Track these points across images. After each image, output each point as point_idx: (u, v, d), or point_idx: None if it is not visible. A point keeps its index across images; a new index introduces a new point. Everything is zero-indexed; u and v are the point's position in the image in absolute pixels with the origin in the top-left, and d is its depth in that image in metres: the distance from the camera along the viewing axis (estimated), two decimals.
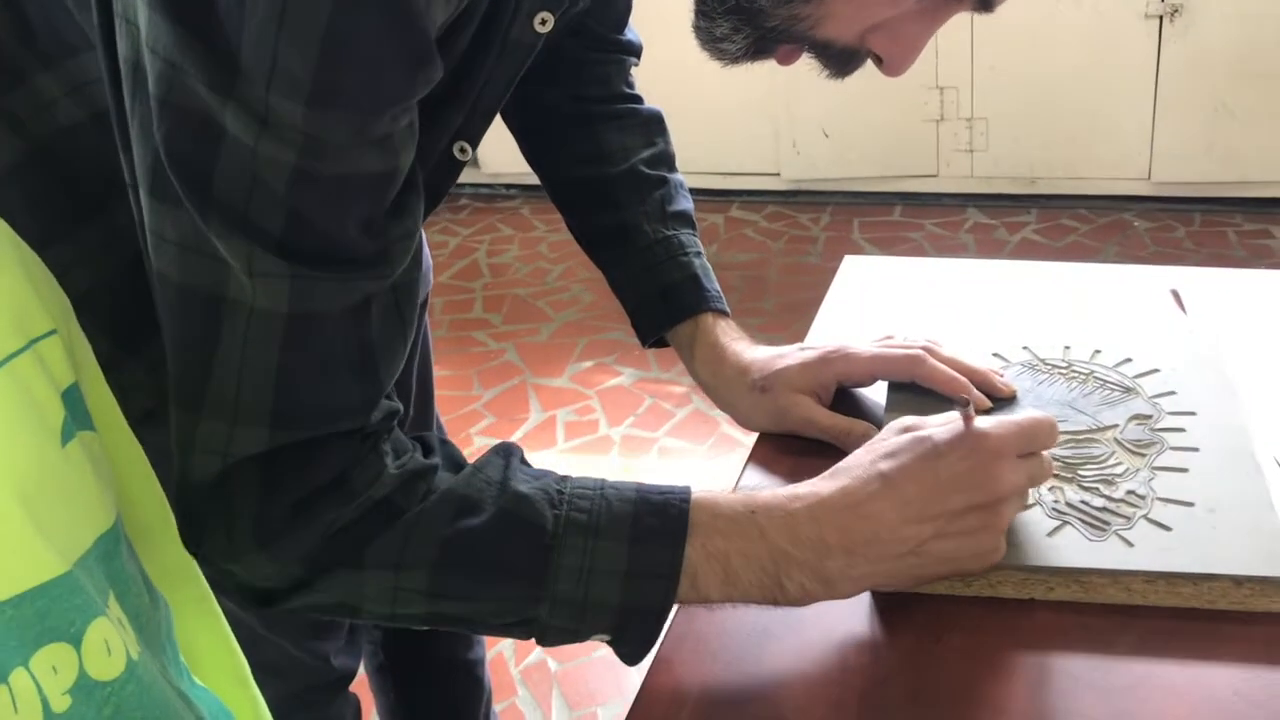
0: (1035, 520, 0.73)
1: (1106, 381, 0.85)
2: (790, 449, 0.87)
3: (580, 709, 1.78)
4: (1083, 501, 0.74)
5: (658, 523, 0.65)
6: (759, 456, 0.87)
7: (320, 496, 0.62)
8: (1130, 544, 0.70)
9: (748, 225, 3.16)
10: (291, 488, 0.62)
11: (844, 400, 0.88)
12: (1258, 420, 0.80)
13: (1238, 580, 0.67)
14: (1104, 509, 0.73)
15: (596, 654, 1.87)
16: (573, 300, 2.97)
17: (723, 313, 0.92)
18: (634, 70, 0.98)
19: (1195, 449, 0.77)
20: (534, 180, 0.93)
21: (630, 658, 0.68)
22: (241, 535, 0.62)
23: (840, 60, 0.67)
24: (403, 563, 0.63)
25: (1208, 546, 0.69)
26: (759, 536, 0.66)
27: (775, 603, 0.67)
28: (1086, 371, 0.87)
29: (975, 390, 0.83)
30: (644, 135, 0.95)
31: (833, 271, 0.94)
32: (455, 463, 0.67)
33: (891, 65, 0.65)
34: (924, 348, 0.85)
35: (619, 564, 0.64)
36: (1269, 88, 2.81)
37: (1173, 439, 0.79)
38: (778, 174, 3.23)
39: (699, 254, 0.94)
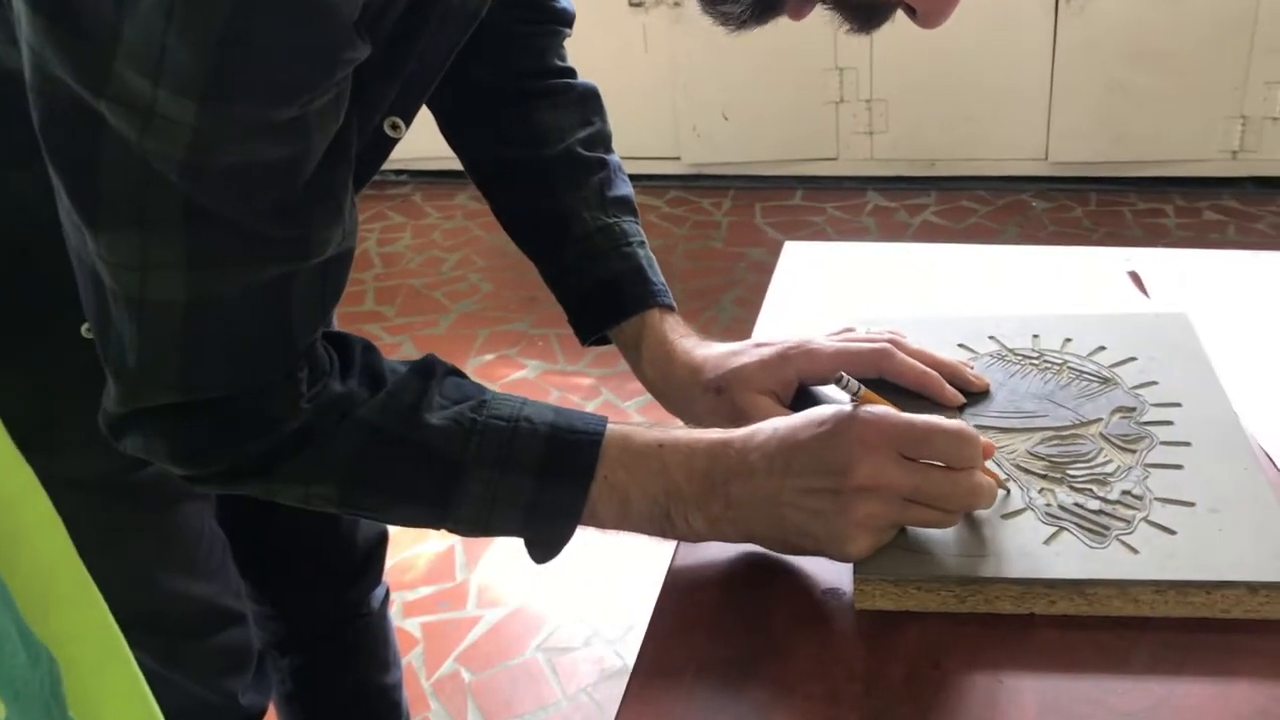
0: (1029, 526, 0.67)
1: (1082, 372, 0.80)
2: None
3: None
4: (1076, 504, 0.69)
5: (567, 462, 0.65)
6: None
7: (232, 432, 0.63)
8: (1134, 550, 0.65)
9: (650, 210, 3.08)
10: (204, 427, 0.63)
11: (801, 399, 0.82)
12: (1241, 408, 0.76)
13: (1253, 588, 0.62)
14: (1100, 512, 0.68)
15: (514, 662, 1.78)
16: (471, 290, 2.87)
17: (669, 307, 0.85)
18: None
19: (1187, 443, 0.73)
20: (426, 165, 0.83)
21: (539, 559, 0.69)
22: (156, 455, 0.64)
23: (865, 13, 0.61)
24: (312, 480, 0.65)
25: (1217, 551, 0.64)
26: (660, 470, 0.66)
27: (664, 535, 0.68)
28: (1059, 362, 0.82)
29: (946, 385, 0.77)
30: (579, 113, 0.87)
31: (737, 257, 0.88)
32: (374, 379, 0.66)
33: (929, 16, 0.59)
34: (889, 340, 0.79)
35: (523, 497, 0.65)
36: (1162, 67, 2.85)
37: (1161, 433, 0.74)
38: (678, 158, 3.17)
39: (643, 243, 0.86)
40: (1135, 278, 0.96)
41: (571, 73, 0.89)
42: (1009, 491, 0.69)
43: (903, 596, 0.65)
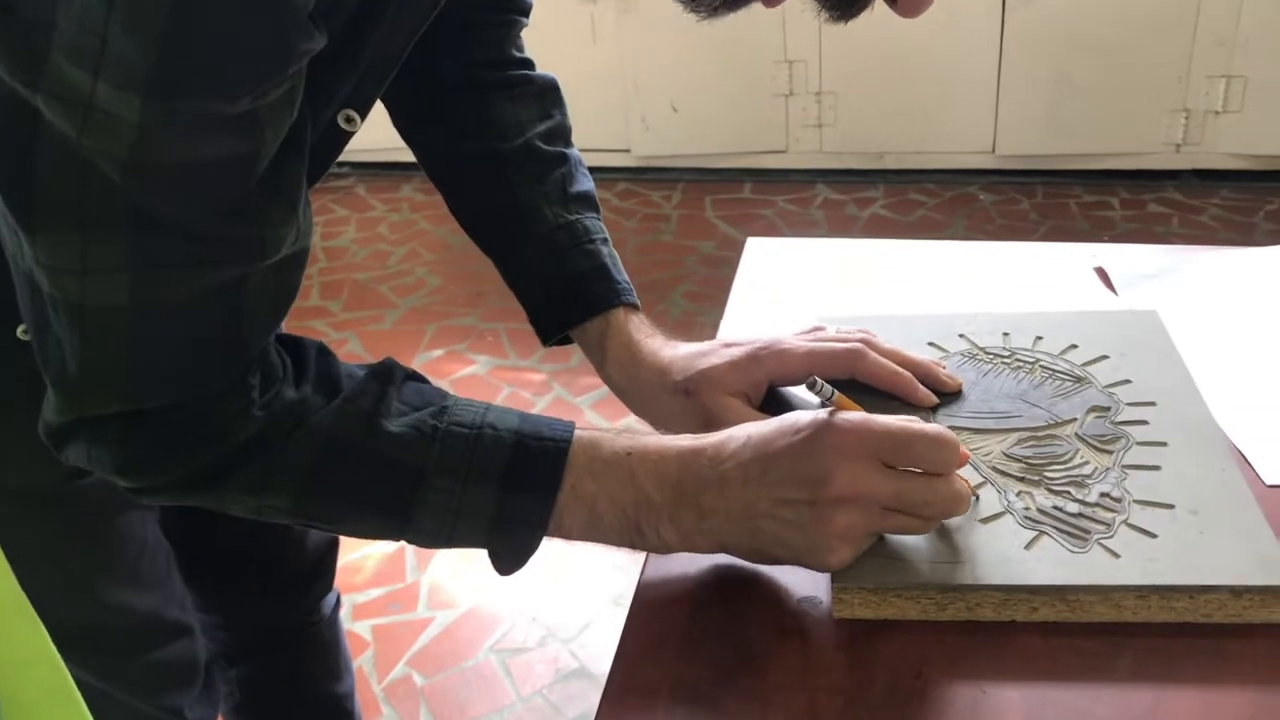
0: (1009, 531, 0.66)
1: (1055, 371, 0.79)
2: None
3: None
4: (1055, 508, 0.67)
5: (533, 471, 0.63)
6: None
7: (180, 442, 0.60)
8: (1116, 554, 0.63)
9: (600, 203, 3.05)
10: (150, 437, 0.60)
11: (771, 400, 0.79)
12: (1213, 406, 0.75)
13: (1236, 591, 0.61)
14: (1080, 515, 0.66)
15: (467, 664, 1.75)
16: (418, 284, 2.82)
17: (634, 306, 0.82)
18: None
19: (1163, 443, 0.71)
20: (370, 157, 0.79)
21: (503, 571, 0.66)
22: (100, 466, 0.61)
23: (844, 1, 0.58)
24: (265, 491, 0.62)
25: (1199, 554, 0.63)
26: (629, 479, 0.64)
27: (633, 547, 0.66)
28: (1031, 360, 0.80)
29: (919, 386, 0.76)
30: (539, 106, 0.84)
31: (687, 250, 0.85)
32: (330, 385, 0.63)
33: (909, 6, 0.57)
34: (861, 340, 0.77)
35: (487, 508, 0.63)
36: (1107, 61, 2.87)
37: (1137, 433, 0.72)
38: (628, 150, 3.14)
39: (605, 240, 0.83)
40: (1102, 274, 0.95)
41: (530, 64, 0.86)
42: (978, 498, 0.67)
43: (882, 605, 0.63)
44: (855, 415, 0.63)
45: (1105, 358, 0.80)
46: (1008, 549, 0.64)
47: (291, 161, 0.56)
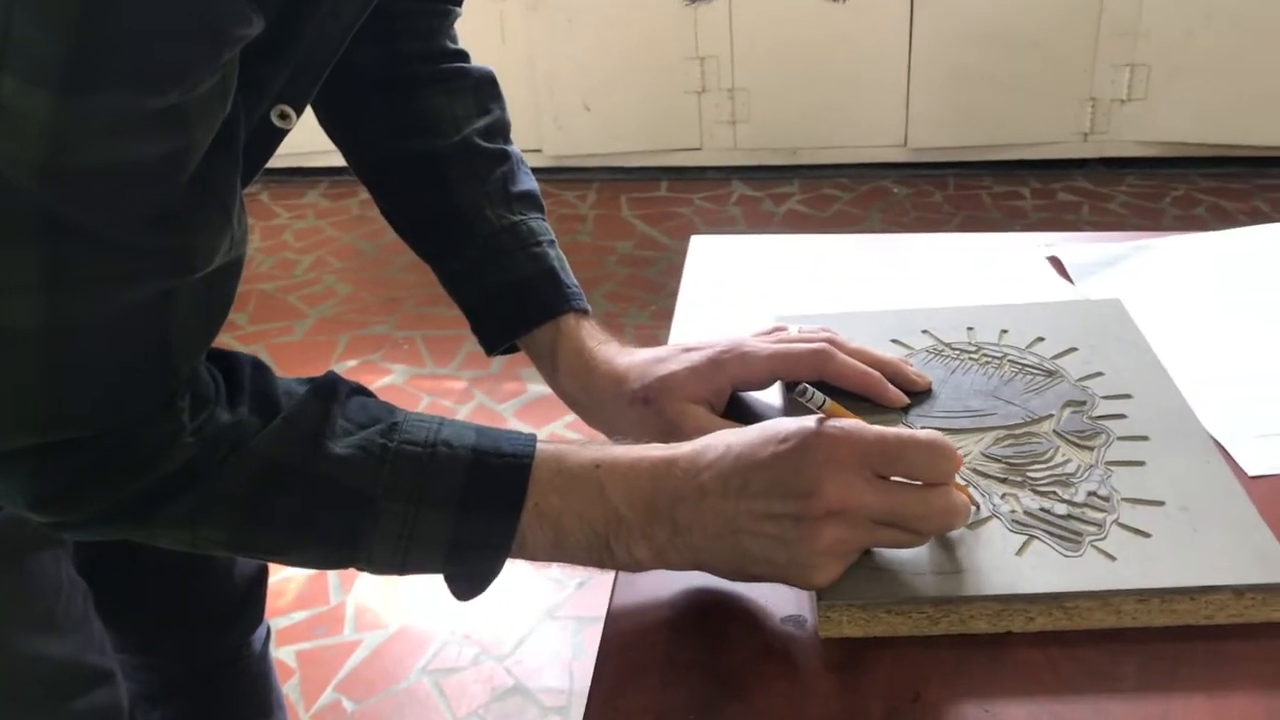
0: (998, 537, 0.62)
1: (1025, 365, 0.76)
2: None
3: None
4: (1043, 510, 0.64)
5: (492, 491, 0.58)
6: None
7: (103, 473, 0.55)
8: (1111, 557, 0.61)
9: None
10: (70, 469, 0.54)
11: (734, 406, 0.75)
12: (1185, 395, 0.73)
13: (1238, 591, 0.59)
14: (1069, 516, 0.64)
15: (399, 687, 1.69)
16: (327, 293, 2.73)
17: (585, 311, 0.78)
18: None
19: (1144, 437, 0.69)
20: (272, 162, 0.72)
21: (462, 597, 0.61)
22: (12, 501, 0.55)
23: None
24: (200, 522, 0.57)
25: (1196, 554, 0.60)
26: (597, 494, 0.59)
27: (602, 565, 0.61)
28: (999, 355, 0.77)
29: (889, 386, 0.72)
30: (476, 101, 0.79)
31: (606, 251, 0.81)
32: (267, 405, 0.58)
33: None
34: (826, 340, 0.73)
35: (443, 533, 0.58)
36: (1015, 53, 2.89)
37: (1116, 427, 0.70)
38: (540, 150, 3.09)
39: (552, 242, 0.79)
40: (1056, 263, 0.93)
41: (464, 56, 0.81)
42: (979, 507, 0.64)
43: (872, 622, 0.60)
44: (844, 422, 0.59)
45: (1074, 350, 0.77)
46: (999, 556, 0.61)
47: (224, 162, 0.51)
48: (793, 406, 0.73)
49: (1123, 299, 0.84)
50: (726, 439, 0.60)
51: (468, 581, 0.61)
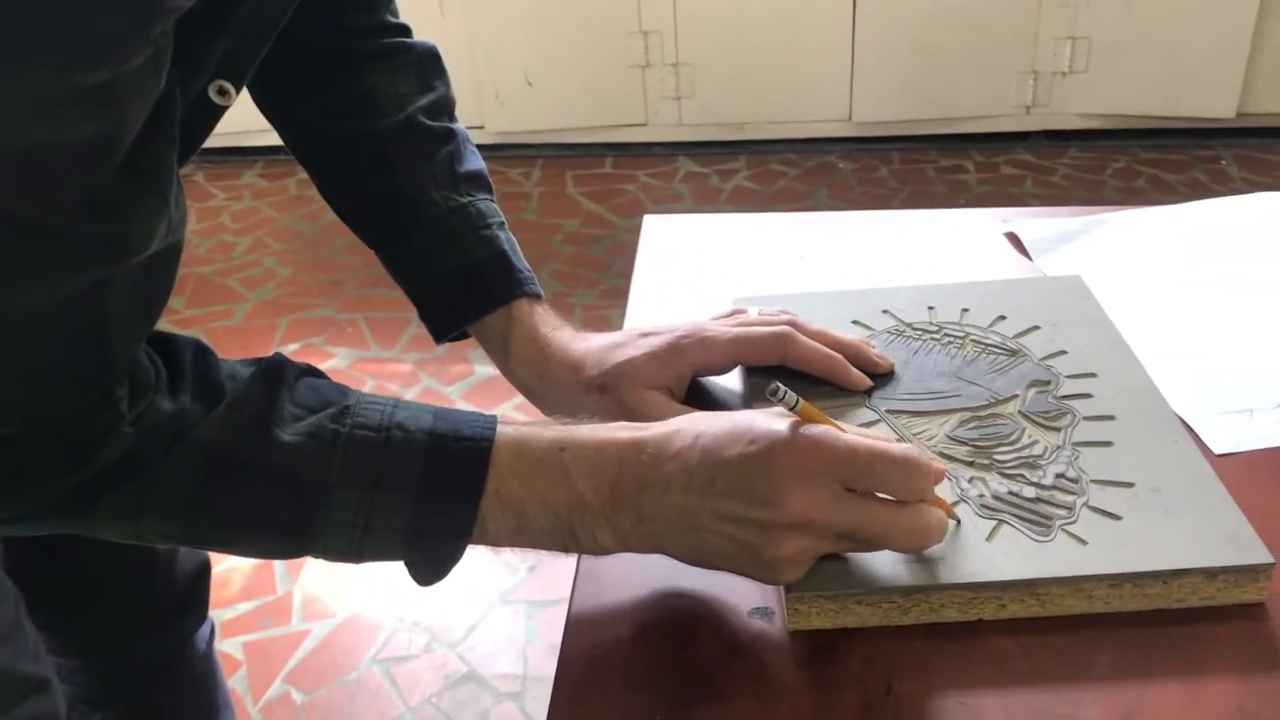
0: (967, 521, 0.61)
1: (987, 345, 0.75)
2: None
3: None
4: (1011, 493, 0.63)
5: (451, 477, 0.56)
6: None
7: (38, 467, 0.52)
8: (1082, 541, 0.59)
9: None
10: (2, 464, 0.51)
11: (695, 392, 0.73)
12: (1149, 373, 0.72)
13: (1210, 573, 0.58)
14: (1038, 500, 0.62)
15: (350, 677, 1.65)
16: (267, 275, 2.67)
17: (537, 296, 0.75)
18: None
19: (1111, 417, 0.68)
20: (208, 142, 0.68)
21: (423, 582, 0.59)
22: None
23: None
24: (144, 515, 0.55)
25: (1167, 537, 0.59)
26: (561, 478, 0.57)
27: (566, 550, 0.59)
28: (961, 334, 0.76)
29: (852, 369, 0.71)
30: (419, 77, 0.76)
31: (551, 229, 0.78)
32: (210, 390, 0.55)
33: None
34: (787, 323, 0.71)
35: (400, 521, 0.56)
36: (957, 25, 2.89)
37: (1082, 407, 0.69)
38: (482, 127, 3.04)
39: (502, 224, 0.76)
40: (1014, 239, 0.92)
41: (406, 30, 0.77)
42: (959, 523, 0.61)
43: (841, 613, 0.58)
44: (817, 429, 0.56)
45: (1036, 328, 0.76)
46: (968, 542, 0.60)
47: (159, 142, 0.48)
48: (753, 391, 0.71)
49: (1082, 275, 0.83)
50: (697, 427, 0.57)
51: (427, 568, 0.58)
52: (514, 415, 0.74)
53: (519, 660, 1.67)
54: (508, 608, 1.75)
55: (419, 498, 0.55)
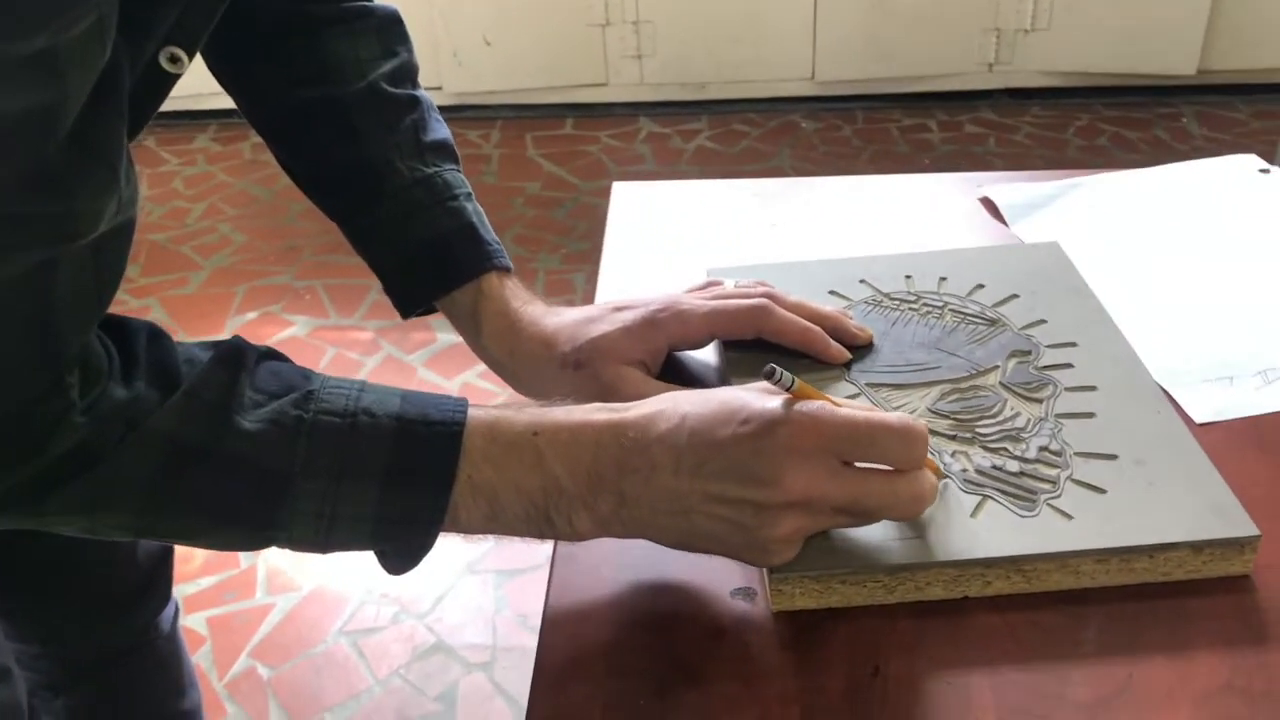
0: (951, 497, 0.60)
1: (966, 314, 0.74)
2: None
3: (305, 718, 1.55)
4: (995, 468, 0.62)
5: (420, 464, 0.54)
6: None
7: None
8: (1068, 516, 0.59)
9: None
10: None
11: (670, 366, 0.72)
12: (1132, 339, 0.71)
13: (1197, 547, 0.57)
14: (1022, 474, 0.61)
15: (316, 650, 1.64)
16: (222, 242, 2.62)
17: (507, 269, 0.73)
18: None
19: (1092, 387, 0.67)
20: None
21: (394, 572, 0.57)
22: None
23: None
24: (98, 509, 0.52)
25: (1154, 509, 0.59)
26: (535, 463, 0.55)
27: (542, 537, 0.57)
28: (940, 304, 0.75)
29: (831, 342, 0.69)
30: (381, 42, 0.73)
31: (512, 192, 0.75)
32: (166, 376, 0.53)
33: None
34: (765, 294, 0.70)
35: (368, 511, 0.54)
36: None
37: (1064, 377, 0.68)
38: (440, 87, 2.99)
39: (469, 195, 0.74)
40: (988, 204, 0.90)
41: None
42: (948, 478, 0.60)
43: (825, 593, 0.57)
44: (811, 406, 0.54)
45: (1015, 297, 0.75)
46: (953, 519, 0.59)
47: (107, 115, 0.45)
48: (730, 366, 0.70)
49: (1058, 240, 0.81)
50: (682, 408, 0.56)
51: (398, 557, 0.56)
52: (478, 384, 0.72)
53: (488, 630, 1.66)
54: (476, 577, 1.73)
55: (387, 485, 0.53)
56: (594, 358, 0.68)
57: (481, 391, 2.04)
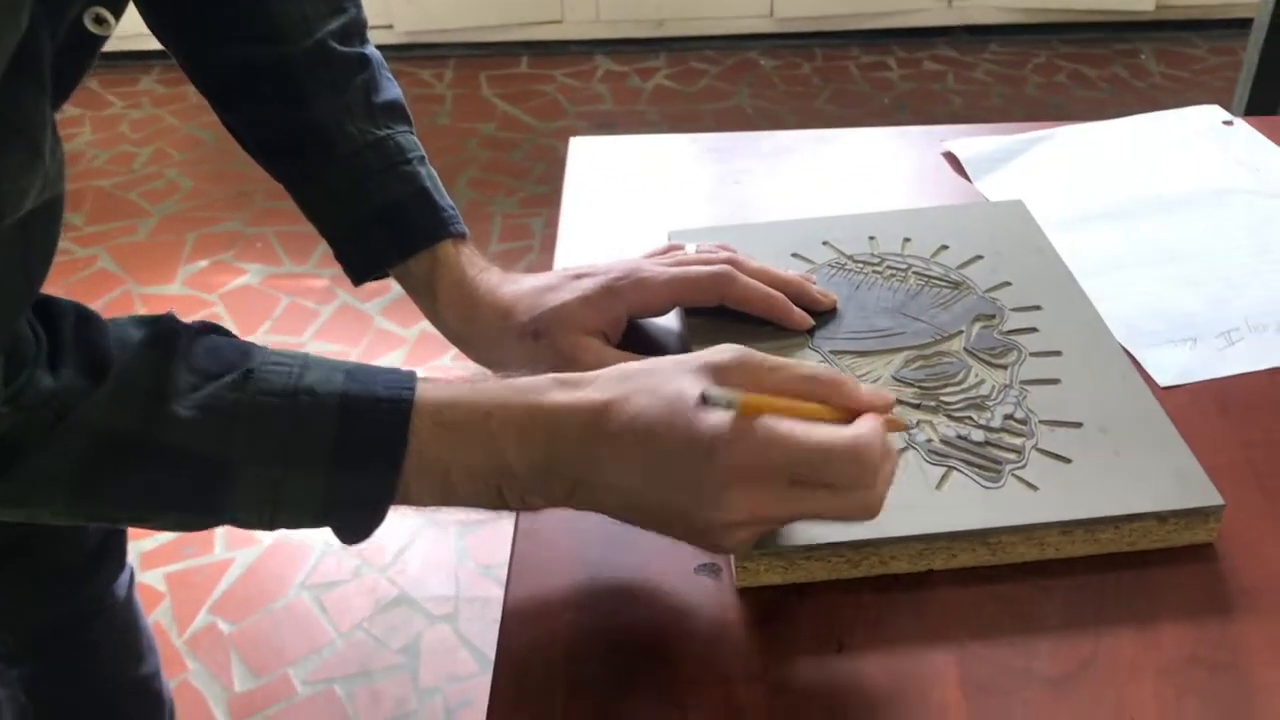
0: (915, 469, 0.59)
1: (930, 277, 0.73)
2: None
3: (268, 673, 1.54)
4: (960, 437, 0.61)
5: (367, 444, 0.52)
6: None
7: None
8: (1033, 487, 0.58)
9: None
10: None
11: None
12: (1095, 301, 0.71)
13: (1162, 517, 0.57)
14: (987, 443, 0.61)
15: (277, 605, 1.63)
16: (170, 188, 2.56)
17: (462, 235, 0.71)
18: None
19: (1057, 352, 0.67)
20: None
21: (348, 542, 0.55)
22: None
23: None
24: (29, 501, 0.51)
25: (1119, 480, 0.58)
26: (488, 446, 0.53)
27: (496, 509, 0.55)
28: (903, 267, 0.74)
29: (794, 308, 0.68)
30: None
31: (467, 133, 0.72)
32: (96, 361, 0.50)
33: None
34: (727, 260, 0.69)
35: (313, 494, 0.52)
36: None
37: (1029, 342, 0.67)
38: (390, 26, 2.91)
39: (423, 158, 0.71)
40: (951, 159, 0.89)
41: None
42: (910, 429, 0.59)
43: (790, 569, 0.56)
44: (762, 426, 0.50)
45: (980, 258, 0.74)
46: (918, 491, 0.58)
47: (25, 89, 0.42)
48: (692, 333, 0.69)
49: (1023, 198, 0.80)
50: (631, 407, 0.52)
51: (349, 533, 0.55)
52: (436, 334, 0.71)
53: (450, 581, 1.66)
54: (436, 529, 1.73)
55: (333, 469, 0.51)
56: (553, 327, 0.66)
57: (437, 340, 2.00)
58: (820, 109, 2.76)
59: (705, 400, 0.50)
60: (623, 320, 0.68)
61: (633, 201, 0.86)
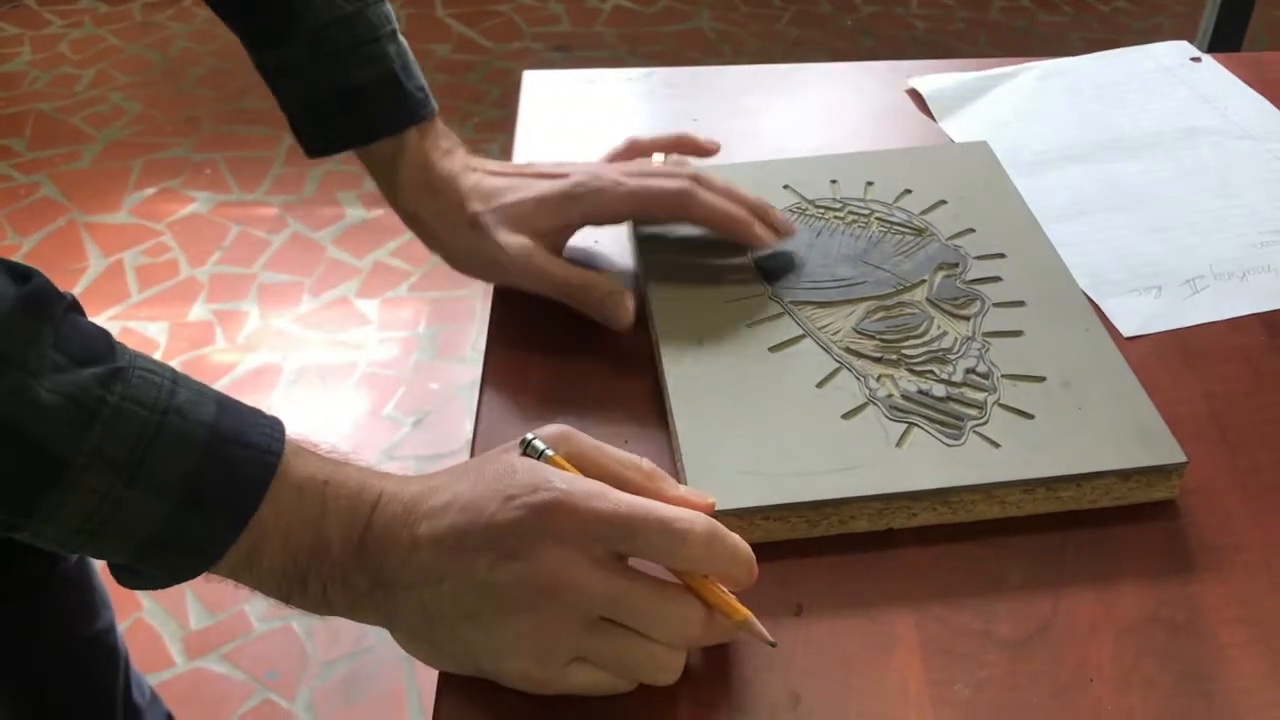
0: (876, 425, 0.58)
1: (893, 223, 0.71)
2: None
3: (224, 610, 1.53)
4: (921, 392, 0.60)
5: (225, 488, 0.47)
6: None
7: None
8: (995, 444, 0.57)
9: None
10: None
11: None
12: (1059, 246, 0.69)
13: (1125, 475, 0.56)
14: (948, 399, 0.60)
15: None
16: (115, 112, 2.48)
17: (431, 115, 0.69)
18: None
19: (1021, 302, 0.65)
20: None
21: (124, 584, 0.50)
22: None
23: None
24: None
25: (1080, 437, 0.57)
26: (316, 518, 0.48)
27: (285, 600, 0.50)
28: (866, 212, 0.72)
29: (757, 224, 0.67)
30: None
31: (421, 55, 0.69)
32: None
33: None
34: (691, 177, 0.67)
35: (147, 526, 0.46)
36: None
37: (992, 292, 0.66)
38: None
39: (393, 34, 0.68)
40: (915, 96, 0.87)
41: None
42: (773, 644, 0.50)
43: (748, 529, 0.55)
44: (580, 488, 0.48)
45: (943, 203, 0.72)
46: (878, 448, 0.57)
47: None
48: (646, 255, 0.67)
49: (987, 138, 0.79)
50: (457, 486, 0.50)
51: (143, 579, 0.49)
52: (389, 262, 0.69)
53: None
54: (394, 464, 1.71)
55: (182, 506, 0.46)
56: (501, 222, 0.66)
57: (393, 270, 1.98)
58: (782, 31, 2.71)
59: (523, 446, 0.49)
60: (575, 226, 0.68)
61: (587, 141, 0.83)
